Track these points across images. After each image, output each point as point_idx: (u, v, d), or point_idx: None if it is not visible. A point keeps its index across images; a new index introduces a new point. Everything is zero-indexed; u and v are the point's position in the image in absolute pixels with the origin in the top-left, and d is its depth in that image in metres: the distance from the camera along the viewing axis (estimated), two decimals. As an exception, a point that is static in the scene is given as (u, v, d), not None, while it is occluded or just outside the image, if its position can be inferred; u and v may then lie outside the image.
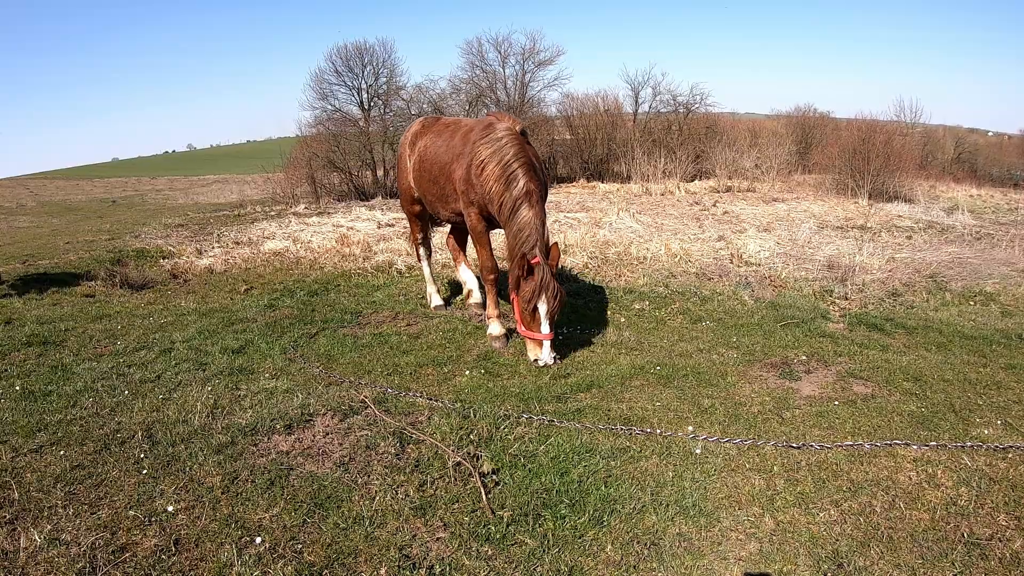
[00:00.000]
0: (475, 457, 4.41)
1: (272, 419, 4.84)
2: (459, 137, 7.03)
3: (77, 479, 4.07)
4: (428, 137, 7.50)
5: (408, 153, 7.74)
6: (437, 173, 7.18)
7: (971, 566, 3.46)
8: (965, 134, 63.26)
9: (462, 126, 7.30)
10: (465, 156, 6.70)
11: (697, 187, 26.19)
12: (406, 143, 7.85)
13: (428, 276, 8.45)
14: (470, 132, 6.92)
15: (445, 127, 7.55)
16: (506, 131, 6.57)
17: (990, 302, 9.21)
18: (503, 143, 6.46)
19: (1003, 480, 4.27)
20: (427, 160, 7.35)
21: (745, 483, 4.24)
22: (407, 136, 7.91)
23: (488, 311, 7.15)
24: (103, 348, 6.61)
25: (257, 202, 25.72)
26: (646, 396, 5.60)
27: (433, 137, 7.44)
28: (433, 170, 7.24)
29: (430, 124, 7.79)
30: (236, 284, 9.83)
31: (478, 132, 6.73)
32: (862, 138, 25.15)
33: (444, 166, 7.06)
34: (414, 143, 7.68)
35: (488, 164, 6.41)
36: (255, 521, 3.69)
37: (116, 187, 53.70)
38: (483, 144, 6.52)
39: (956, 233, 15.63)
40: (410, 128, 8.04)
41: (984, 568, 3.45)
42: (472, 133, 6.84)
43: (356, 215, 17.91)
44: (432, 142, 7.40)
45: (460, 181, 6.76)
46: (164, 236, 14.78)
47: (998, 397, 5.67)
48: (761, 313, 8.17)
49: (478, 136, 6.65)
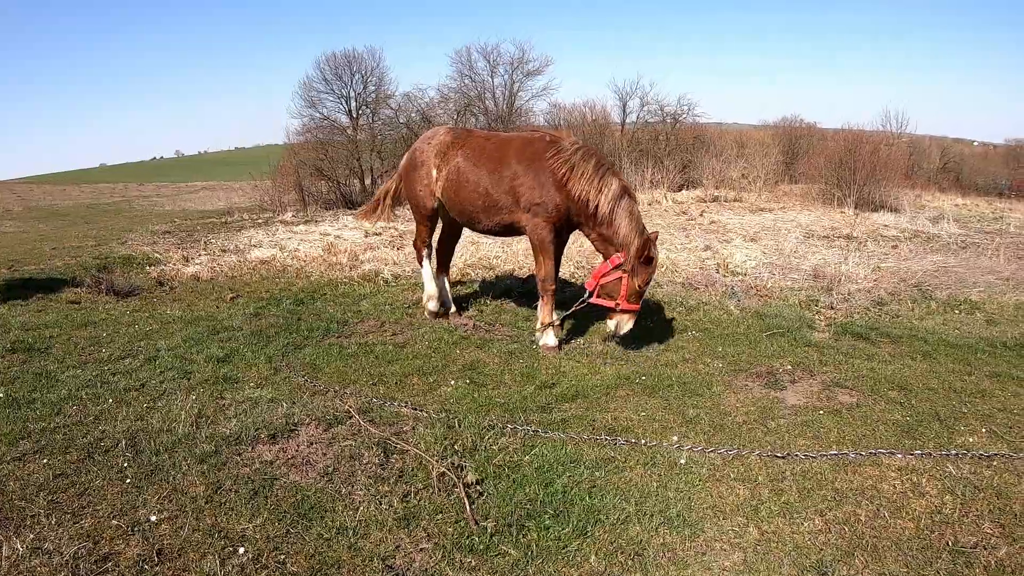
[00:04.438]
0: (459, 467, 4.40)
1: (256, 428, 4.82)
2: (516, 151, 7.30)
3: (60, 488, 4.04)
4: (467, 151, 7.54)
5: (435, 163, 7.69)
6: (489, 186, 7.34)
7: (956, 574, 3.48)
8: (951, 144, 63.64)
9: (512, 142, 7.51)
10: (541, 169, 7.08)
11: (684, 197, 26.13)
12: (430, 154, 7.77)
13: (429, 276, 8.37)
14: (529, 147, 7.30)
15: (486, 141, 7.65)
16: (574, 142, 7.17)
17: (975, 310, 9.26)
18: (585, 151, 7.06)
19: (988, 488, 4.30)
20: (470, 173, 7.44)
21: (730, 493, 4.25)
22: (431, 147, 7.81)
23: (545, 319, 7.30)
24: (88, 355, 6.55)
25: (244, 209, 25.62)
26: (631, 406, 5.60)
27: (473, 152, 7.51)
28: (481, 183, 7.37)
29: (464, 138, 7.75)
30: (222, 292, 9.77)
31: (542, 145, 7.19)
32: (848, 148, 25.23)
33: (501, 180, 7.27)
34: (444, 155, 7.65)
35: (579, 171, 6.92)
36: (238, 531, 3.67)
37: (103, 193, 53.42)
38: (569, 155, 6.99)
39: (942, 242, 15.72)
40: (433, 138, 7.94)
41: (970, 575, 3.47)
42: (533, 147, 7.26)
43: (343, 223, 17.82)
44: (475, 156, 7.48)
45: (532, 193, 7.11)
46: (151, 243, 14.67)
47: (983, 405, 5.71)
48: (747, 323, 8.19)
49: (550, 150, 7.09)
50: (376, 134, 37.52)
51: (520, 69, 41.81)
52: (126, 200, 43.02)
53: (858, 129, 31.31)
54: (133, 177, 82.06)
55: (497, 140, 7.70)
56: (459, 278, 10.50)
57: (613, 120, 43.05)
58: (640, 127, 42.80)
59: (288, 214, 21.73)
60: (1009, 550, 3.66)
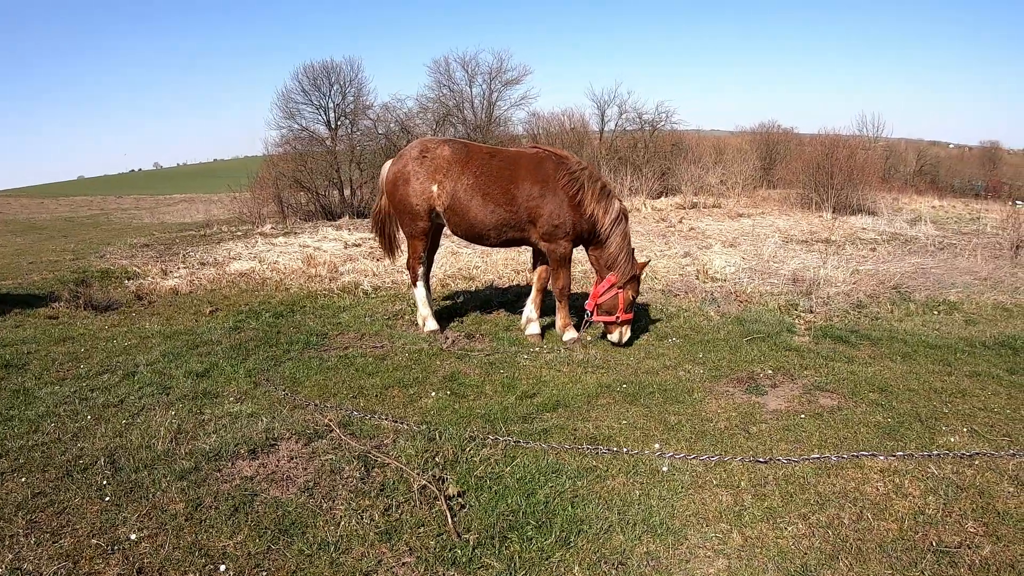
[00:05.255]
0: (441, 480, 4.39)
1: (236, 444, 4.79)
2: (528, 171, 7.52)
3: (39, 507, 4.01)
4: (474, 168, 7.52)
5: (436, 179, 7.58)
6: (504, 206, 7.47)
7: (941, 574, 3.51)
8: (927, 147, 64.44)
9: (521, 161, 7.64)
10: (555, 190, 7.42)
11: (663, 204, 26.25)
12: (427, 168, 7.64)
13: (423, 299, 8.29)
14: (540, 167, 7.54)
15: (492, 158, 7.67)
16: (578, 162, 7.68)
17: (954, 311, 9.34)
18: (590, 172, 7.61)
19: (970, 487, 4.33)
20: (481, 192, 7.47)
21: (712, 499, 4.25)
22: (428, 161, 7.67)
23: (565, 321, 7.94)
24: (66, 371, 6.49)
25: (223, 222, 25.49)
26: (612, 414, 5.61)
27: (481, 170, 7.53)
28: (496, 203, 7.46)
29: (466, 153, 7.67)
30: (201, 306, 9.70)
31: (552, 165, 7.53)
32: (825, 153, 25.48)
33: (515, 200, 7.45)
34: (446, 170, 7.56)
35: (588, 190, 7.44)
36: (219, 548, 3.64)
37: (81, 206, 52.94)
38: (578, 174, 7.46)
39: (919, 244, 15.86)
40: (428, 152, 7.75)
41: (954, 575, 3.48)
42: (544, 167, 7.53)
43: (323, 235, 17.76)
44: (485, 175, 7.51)
45: (551, 214, 7.41)
46: (129, 256, 14.56)
47: (963, 405, 5.76)
48: (727, 328, 8.22)
49: (560, 169, 7.48)
50: (355, 145, 37.39)
51: (498, 79, 41.81)
52: (104, 213, 42.62)
53: (835, 134, 31.68)
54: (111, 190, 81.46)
55: (503, 157, 7.75)
56: (438, 287, 10.47)
57: (592, 128, 43.15)
58: (619, 135, 42.86)
59: (267, 226, 21.62)
60: (993, 548, 3.68)
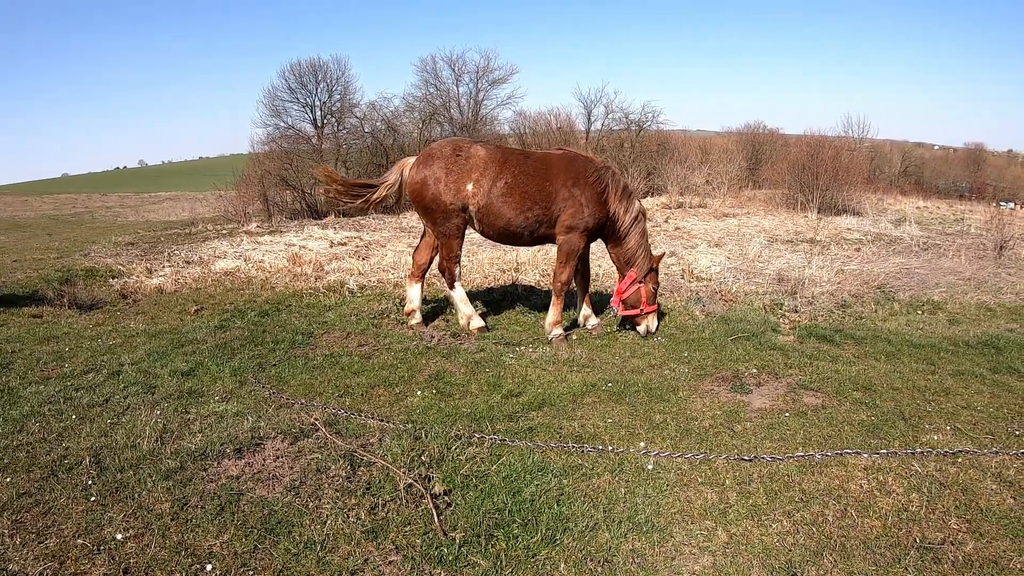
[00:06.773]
0: (427, 478, 4.38)
1: (222, 443, 4.76)
2: (562, 172, 7.79)
3: (24, 507, 3.97)
4: (513, 169, 7.70)
5: (473, 177, 7.63)
6: (541, 205, 7.69)
7: (924, 570, 3.52)
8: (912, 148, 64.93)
9: (553, 162, 7.94)
10: (586, 187, 7.71)
11: (649, 203, 26.29)
12: (462, 167, 7.67)
13: (464, 298, 8.37)
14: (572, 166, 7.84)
15: (526, 160, 7.91)
16: (603, 162, 8.15)
17: (937, 311, 9.42)
18: (613, 171, 8.00)
19: (953, 484, 4.36)
20: (520, 192, 7.65)
21: (697, 497, 4.27)
22: (462, 159, 7.70)
23: (557, 318, 8.04)
24: (50, 371, 6.44)
25: (209, 220, 25.43)
26: (598, 413, 5.62)
27: (520, 171, 7.72)
28: (534, 202, 7.67)
29: (502, 155, 7.83)
30: (186, 304, 9.65)
31: (582, 164, 7.87)
32: (811, 154, 25.66)
33: (552, 199, 7.71)
34: (483, 169, 7.63)
35: (612, 189, 7.82)
36: (205, 548, 3.63)
37: (66, 203, 52.74)
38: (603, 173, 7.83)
39: (904, 244, 15.99)
40: (462, 152, 7.79)
41: (938, 572, 3.52)
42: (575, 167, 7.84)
43: (308, 234, 17.70)
44: (524, 175, 7.70)
45: (581, 211, 7.70)
46: (114, 255, 14.49)
47: (947, 403, 5.81)
48: (712, 328, 8.25)
49: (589, 170, 7.81)
50: (341, 143, 37.40)
51: (485, 77, 42.01)
52: (89, 211, 42.49)
53: (820, 135, 31.95)
54: (96, 187, 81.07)
55: (537, 159, 8.01)
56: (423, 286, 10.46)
57: (578, 128, 43.32)
58: (605, 134, 43.09)
59: (253, 224, 21.57)
60: (976, 545, 3.71)
